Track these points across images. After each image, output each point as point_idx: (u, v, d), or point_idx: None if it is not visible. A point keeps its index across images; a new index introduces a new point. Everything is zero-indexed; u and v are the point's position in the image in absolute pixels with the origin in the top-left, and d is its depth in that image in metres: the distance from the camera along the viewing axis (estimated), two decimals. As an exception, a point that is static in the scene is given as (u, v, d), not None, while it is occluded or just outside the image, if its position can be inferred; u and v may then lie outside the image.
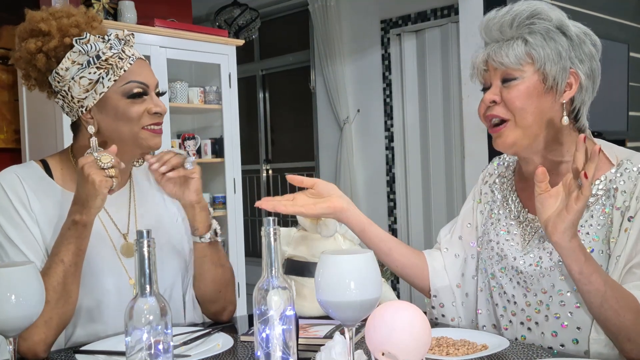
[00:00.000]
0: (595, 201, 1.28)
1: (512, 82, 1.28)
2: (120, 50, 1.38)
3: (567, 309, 1.27)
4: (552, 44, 1.27)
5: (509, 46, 1.27)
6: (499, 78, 1.30)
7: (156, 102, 1.41)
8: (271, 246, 0.98)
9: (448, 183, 4.61)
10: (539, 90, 1.28)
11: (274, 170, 6.00)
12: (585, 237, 1.26)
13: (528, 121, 1.28)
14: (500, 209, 1.44)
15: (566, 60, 1.27)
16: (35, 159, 1.47)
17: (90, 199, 1.27)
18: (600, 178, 1.29)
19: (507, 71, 1.28)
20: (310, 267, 1.54)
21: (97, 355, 1.25)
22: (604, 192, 1.28)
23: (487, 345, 1.24)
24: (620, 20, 4.41)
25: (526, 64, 1.27)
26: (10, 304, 0.99)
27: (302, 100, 5.58)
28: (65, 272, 1.28)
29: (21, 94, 3.51)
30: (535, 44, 1.26)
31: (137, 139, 1.40)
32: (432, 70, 4.63)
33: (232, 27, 5.16)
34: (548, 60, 1.26)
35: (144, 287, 0.92)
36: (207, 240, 1.48)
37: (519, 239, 1.37)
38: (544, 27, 1.27)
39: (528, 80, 1.27)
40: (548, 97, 1.28)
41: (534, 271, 1.31)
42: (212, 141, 3.94)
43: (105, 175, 1.27)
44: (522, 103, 1.27)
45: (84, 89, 1.36)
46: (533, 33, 1.27)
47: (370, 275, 0.95)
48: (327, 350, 1.07)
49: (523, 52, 1.27)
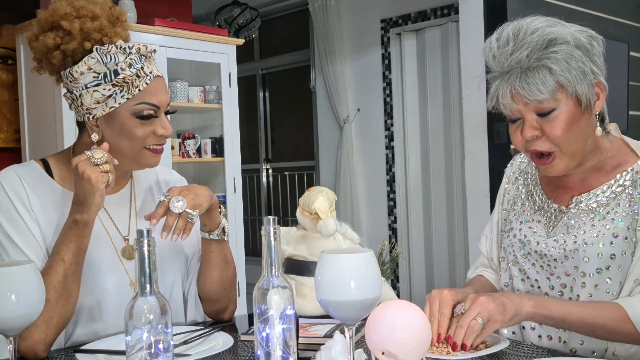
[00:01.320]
0: (622, 191, 1.31)
1: (551, 115, 1.25)
2: (139, 68, 1.34)
3: (587, 290, 1.30)
4: (574, 63, 1.23)
5: (534, 78, 1.22)
6: (532, 111, 1.26)
7: (164, 124, 1.39)
8: (271, 245, 0.98)
9: (448, 182, 4.61)
10: (577, 114, 1.26)
11: (274, 169, 6.00)
12: (611, 223, 1.29)
13: (574, 147, 1.28)
14: (525, 201, 1.46)
15: (589, 74, 1.25)
16: (36, 158, 1.47)
17: (89, 196, 1.27)
18: (627, 169, 1.32)
19: (542, 106, 1.25)
20: (310, 266, 1.54)
21: (98, 355, 1.25)
22: (630, 182, 1.31)
23: (487, 344, 1.24)
24: (620, 20, 4.41)
25: (558, 92, 1.24)
26: (10, 303, 0.99)
27: (302, 99, 5.58)
28: (66, 271, 1.28)
29: (21, 93, 3.50)
30: (561, 70, 1.22)
31: (136, 157, 1.39)
32: (432, 70, 4.63)
33: (232, 27, 5.16)
34: (577, 82, 1.24)
35: (144, 286, 0.92)
36: (215, 237, 1.47)
37: (543, 227, 1.39)
38: (563, 51, 1.23)
39: (565, 108, 1.25)
40: (585, 117, 1.28)
41: (559, 254, 1.33)
42: (212, 140, 3.94)
43: (100, 171, 1.27)
44: (565, 134, 1.26)
45: (95, 100, 1.34)
46: (555, 60, 1.22)
47: (370, 275, 0.95)
48: (327, 349, 1.07)
49: (553, 82, 1.23)
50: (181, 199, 1.33)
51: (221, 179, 3.91)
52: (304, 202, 1.56)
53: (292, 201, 5.72)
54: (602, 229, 1.29)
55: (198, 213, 1.36)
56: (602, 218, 1.31)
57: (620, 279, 1.28)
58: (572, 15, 3.97)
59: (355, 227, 1.67)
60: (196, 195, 1.36)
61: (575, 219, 1.34)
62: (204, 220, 1.46)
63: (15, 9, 3.42)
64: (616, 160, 1.35)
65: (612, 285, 1.28)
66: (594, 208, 1.32)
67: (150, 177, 1.57)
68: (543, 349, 1.25)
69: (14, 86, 3.57)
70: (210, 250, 1.49)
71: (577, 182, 1.37)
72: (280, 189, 5.90)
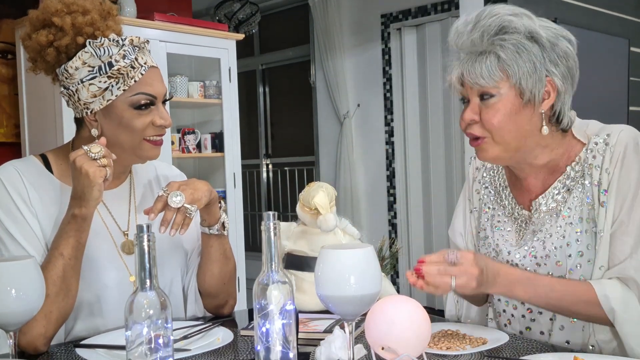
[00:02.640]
0: (575, 184, 1.31)
1: (490, 100, 1.26)
2: (133, 59, 1.35)
3: None
4: (525, 55, 1.23)
5: (481, 62, 1.24)
6: (476, 94, 1.28)
7: (162, 114, 1.39)
8: (271, 241, 0.98)
9: (448, 177, 4.61)
10: (516, 106, 1.26)
11: (274, 164, 6.00)
12: (572, 219, 1.29)
13: (506, 139, 1.27)
14: (494, 204, 1.44)
15: (541, 71, 1.24)
16: (35, 153, 1.47)
17: (87, 191, 1.27)
18: (575, 159, 1.32)
19: (483, 89, 1.26)
20: (310, 261, 1.54)
21: (98, 350, 1.25)
22: (580, 172, 1.30)
23: (486, 339, 1.24)
24: (620, 15, 4.40)
25: (501, 80, 1.24)
26: (10, 298, 1.00)
27: (302, 94, 5.57)
28: (65, 266, 1.28)
29: (21, 87, 3.50)
30: (509, 59, 1.23)
31: (136, 150, 1.39)
32: (433, 65, 4.62)
33: (232, 21, 5.15)
34: (523, 75, 1.24)
35: (144, 281, 0.92)
36: (215, 232, 1.48)
37: (514, 235, 1.38)
38: (515, 41, 1.23)
39: (505, 97, 1.25)
40: (526, 111, 1.27)
41: (530, 262, 1.33)
42: (212, 136, 3.93)
43: (97, 166, 1.27)
44: (499, 122, 1.26)
45: (92, 94, 1.34)
46: (504, 48, 1.23)
47: (370, 270, 0.95)
48: (327, 344, 1.07)
49: (497, 68, 1.24)
50: (180, 194, 1.33)
51: (221, 174, 3.91)
52: (304, 198, 1.56)
53: (292, 196, 5.72)
54: (566, 227, 1.29)
55: (196, 208, 1.36)
56: (563, 216, 1.30)
57: (592, 271, 1.27)
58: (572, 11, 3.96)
59: (355, 223, 1.67)
60: (195, 190, 1.36)
61: (538, 223, 1.33)
62: (203, 215, 1.46)
63: (15, 4, 3.41)
64: (567, 155, 1.33)
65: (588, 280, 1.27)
66: (553, 208, 1.31)
67: (149, 173, 1.57)
68: (541, 344, 1.25)
69: (13, 81, 3.57)
70: (209, 244, 1.49)
71: (537, 183, 1.36)
72: (280, 185, 5.90)
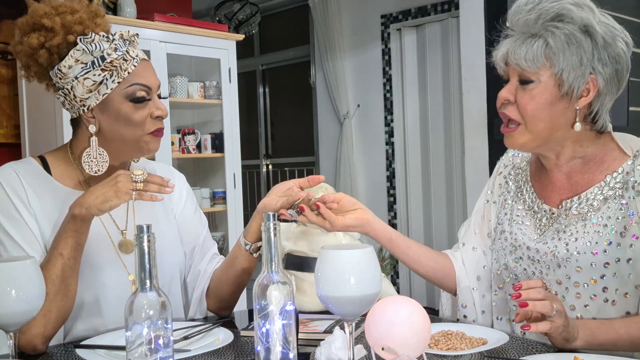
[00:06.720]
0: (613, 194, 1.28)
1: (528, 85, 1.26)
2: (124, 51, 1.37)
3: (582, 302, 1.27)
4: (574, 48, 1.22)
5: (529, 45, 1.24)
6: (516, 77, 1.28)
7: (158, 105, 1.41)
8: (271, 241, 0.98)
9: (448, 178, 4.61)
10: (553, 96, 1.25)
11: (274, 165, 5.99)
12: (603, 229, 1.26)
13: (539, 127, 1.27)
14: (514, 199, 1.44)
15: (587, 67, 1.23)
16: (35, 154, 1.47)
17: (101, 199, 1.27)
18: (617, 170, 1.29)
19: (524, 73, 1.26)
20: (310, 262, 1.54)
21: (98, 350, 1.25)
22: (621, 184, 1.28)
23: (486, 339, 1.24)
24: (620, 15, 4.40)
25: (543, 67, 1.24)
26: (10, 299, 1.00)
27: (302, 95, 5.58)
28: (64, 266, 1.28)
29: (21, 88, 3.50)
30: (556, 48, 1.23)
31: (139, 143, 1.40)
32: (433, 66, 4.62)
33: (232, 22, 5.15)
34: (566, 66, 1.23)
35: (144, 281, 0.92)
36: (247, 248, 1.46)
37: (533, 229, 1.37)
38: (567, 31, 1.23)
39: (543, 85, 1.25)
40: (562, 103, 1.26)
41: (550, 260, 1.30)
42: (212, 136, 3.94)
43: (131, 189, 1.27)
44: (533, 110, 1.26)
45: (87, 89, 1.35)
46: (555, 36, 1.23)
47: (370, 270, 0.95)
48: (327, 345, 1.07)
49: (542, 54, 1.23)
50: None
51: (221, 175, 3.91)
52: (304, 198, 1.56)
53: (292, 197, 5.71)
54: (594, 235, 1.26)
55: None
56: (593, 224, 1.27)
57: (617, 286, 1.24)
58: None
59: (355, 223, 1.66)
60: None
61: (565, 223, 1.30)
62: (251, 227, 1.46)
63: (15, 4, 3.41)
64: (601, 158, 1.31)
65: (610, 294, 1.25)
66: (584, 213, 1.29)
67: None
68: (541, 344, 1.24)
69: (13, 81, 3.57)
70: (239, 254, 1.49)
71: (563, 179, 1.34)
72: (280, 185, 5.89)
